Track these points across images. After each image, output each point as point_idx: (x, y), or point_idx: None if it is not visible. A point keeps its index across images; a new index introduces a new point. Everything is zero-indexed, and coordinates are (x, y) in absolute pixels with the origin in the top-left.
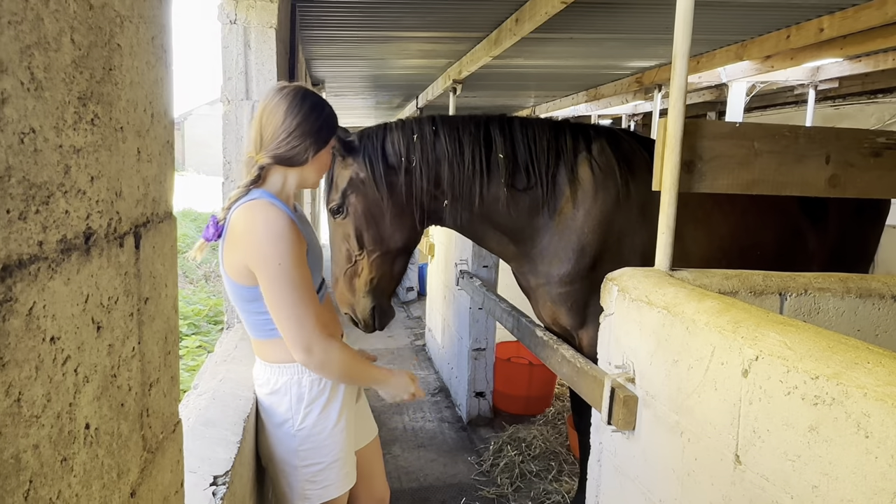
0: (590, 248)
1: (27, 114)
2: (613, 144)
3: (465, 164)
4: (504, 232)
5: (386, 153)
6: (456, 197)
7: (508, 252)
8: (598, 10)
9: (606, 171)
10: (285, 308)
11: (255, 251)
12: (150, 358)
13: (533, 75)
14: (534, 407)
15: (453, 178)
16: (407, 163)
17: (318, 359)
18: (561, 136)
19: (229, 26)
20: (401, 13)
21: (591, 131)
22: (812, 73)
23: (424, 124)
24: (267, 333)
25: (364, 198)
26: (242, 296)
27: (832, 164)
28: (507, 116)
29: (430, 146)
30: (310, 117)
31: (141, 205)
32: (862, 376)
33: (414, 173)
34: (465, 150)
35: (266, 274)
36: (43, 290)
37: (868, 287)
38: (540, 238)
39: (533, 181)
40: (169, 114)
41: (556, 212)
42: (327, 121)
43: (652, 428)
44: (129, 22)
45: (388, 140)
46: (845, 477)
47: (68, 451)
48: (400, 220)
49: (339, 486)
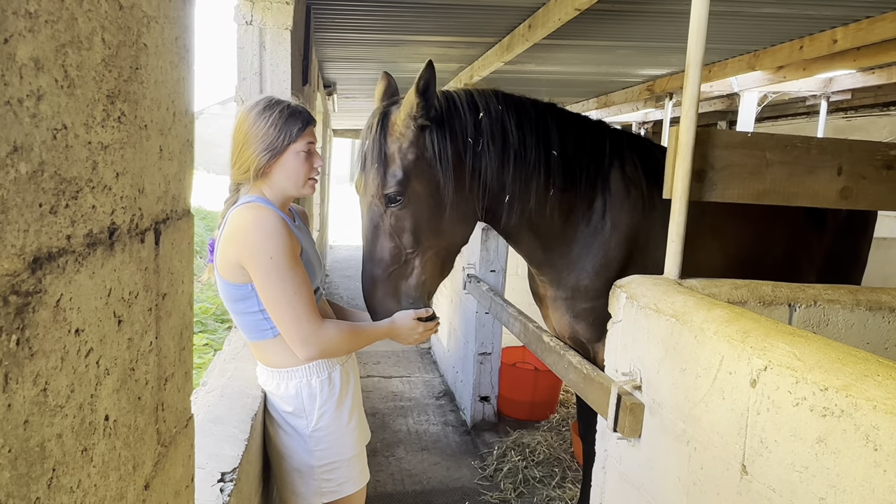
0: (616, 262)
1: (60, 111)
2: (642, 156)
3: (528, 157)
4: (538, 235)
5: (454, 130)
6: (516, 192)
7: (535, 257)
8: (610, 18)
9: (635, 184)
10: (280, 303)
11: (247, 247)
12: (167, 353)
13: (544, 81)
14: (538, 412)
15: (515, 170)
16: (474, 144)
17: (317, 348)
18: (601, 140)
19: (245, 27)
20: (415, 17)
21: (623, 139)
22: (825, 84)
23: (490, 100)
24: (260, 334)
25: (428, 183)
26: (233, 295)
27: (844, 175)
28: (558, 107)
29: (498, 125)
30: (252, 130)
31: (161, 202)
32: (871, 389)
33: (483, 157)
34: (527, 140)
35: (258, 269)
36: (70, 283)
37: (878, 300)
38: (570, 248)
39: (573, 184)
40: (189, 113)
41: (588, 221)
42: (275, 128)
43: (658, 436)
44: (156, 22)
45: (456, 110)
46: (853, 490)
47: (88, 442)
48: (465, 209)
49: (355, 481)
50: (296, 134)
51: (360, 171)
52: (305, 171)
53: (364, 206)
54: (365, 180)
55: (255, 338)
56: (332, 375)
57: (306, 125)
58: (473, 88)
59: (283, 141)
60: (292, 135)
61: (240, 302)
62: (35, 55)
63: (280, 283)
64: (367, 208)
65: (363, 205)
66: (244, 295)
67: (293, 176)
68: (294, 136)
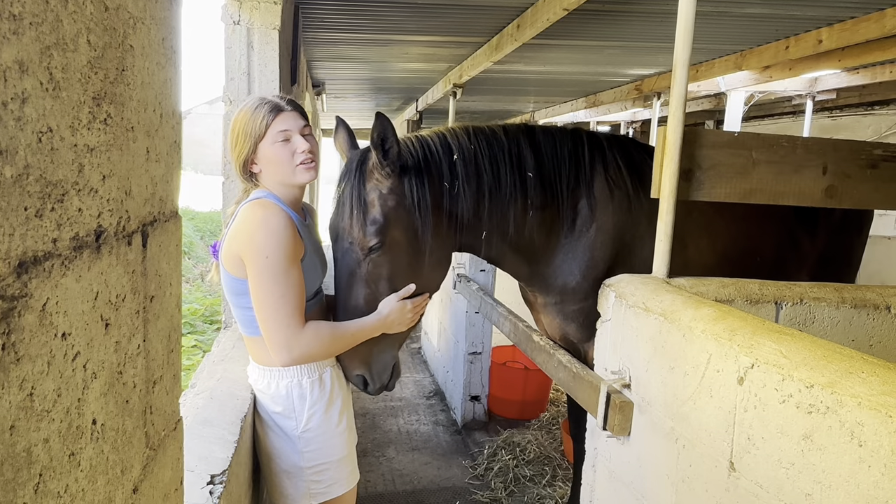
0: (602, 262)
1: (45, 113)
2: (625, 156)
3: (504, 188)
4: (520, 252)
5: (431, 175)
6: (493, 226)
7: (522, 273)
8: (598, 18)
9: (618, 185)
10: (266, 304)
11: (248, 242)
12: (155, 356)
13: (533, 81)
14: (529, 411)
15: (491, 204)
16: (450, 187)
17: (298, 353)
18: (579, 148)
19: (233, 27)
20: (403, 17)
21: (603, 142)
22: (810, 83)
23: (462, 139)
24: (254, 330)
25: (406, 229)
26: (234, 288)
27: (829, 174)
28: (530, 126)
29: (472, 165)
30: (233, 130)
31: (149, 204)
32: (856, 385)
33: (458, 199)
34: (501, 171)
35: (253, 266)
36: (56, 287)
37: (863, 297)
38: (554, 256)
39: (553, 199)
40: (177, 114)
41: (571, 229)
42: (245, 123)
43: (647, 434)
44: (142, 23)
45: (431, 156)
46: (839, 485)
47: (76, 446)
48: (441, 254)
49: (344, 483)
50: (261, 125)
51: (334, 215)
52: (287, 159)
53: (338, 251)
54: (341, 226)
55: (251, 332)
56: (323, 376)
57: (274, 113)
58: (446, 129)
59: (254, 134)
60: (259, 127)
61: (240, 296)
62: (19, 58)
63: (270, 285)
64: (342, 254)
65: (337, 251)
66: (245, 289)
67: (276, 165)
68: (261, 129)
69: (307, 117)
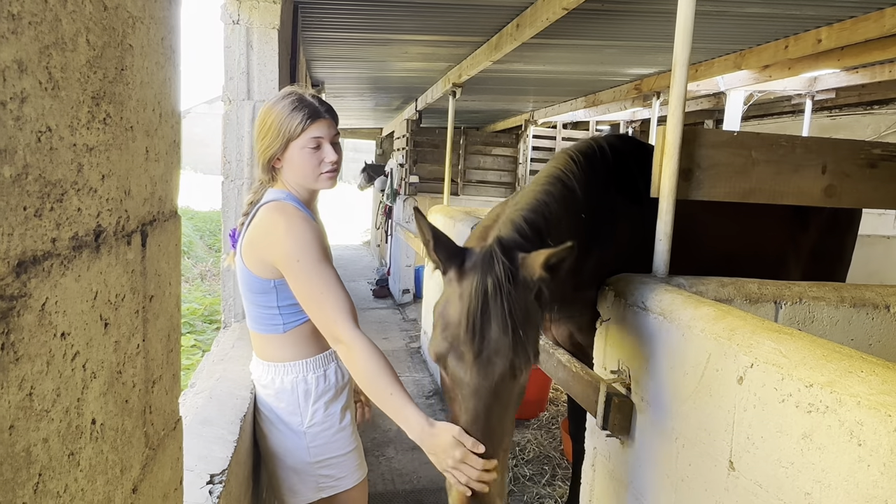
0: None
1: (44, 113)
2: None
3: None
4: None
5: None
6: (555, 297)
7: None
8: (598, 18)
9: (630, 195)
10: (312, 301)
11: (278, 248)
12: (154, 355)
13: (532, 80)
14: (528, 411)
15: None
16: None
17: (344, 346)
18: (610, 188)
19: (232, 26)
20: (403, 16)
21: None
22: (809, 83)
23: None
24: (271, 328)
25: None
26: (255, 287)
27: (828, 174)
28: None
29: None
30: (262, 124)
31: (148, 203)
32: (855, 385)
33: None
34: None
35: (289, 270)
36: (55, 287)
37: (862, 297)
38: (579, 281)
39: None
40: (176, 113)
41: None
42: (278, 122)
43: (646, 433)
44: (141, 23)
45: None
46: (838, 484)
47: (75, 446)
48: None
49: (352, 476)
50: (297, 128)
51: (472, 339)
52: (313, 166)
53: (472, 377)
54: (486, 349)
55: (263, 330)
56: (328, 372)
57: (312, 119)
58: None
59: (287, 133)
60: (293, 129)
61: (260, 294)
62: (18, 57)
63: (309, 283)
64: (486, 381)
65: (469, 377)
66: (266, 289)
67: (300, 171)
68: (295, 131)
69: (338, 123)
